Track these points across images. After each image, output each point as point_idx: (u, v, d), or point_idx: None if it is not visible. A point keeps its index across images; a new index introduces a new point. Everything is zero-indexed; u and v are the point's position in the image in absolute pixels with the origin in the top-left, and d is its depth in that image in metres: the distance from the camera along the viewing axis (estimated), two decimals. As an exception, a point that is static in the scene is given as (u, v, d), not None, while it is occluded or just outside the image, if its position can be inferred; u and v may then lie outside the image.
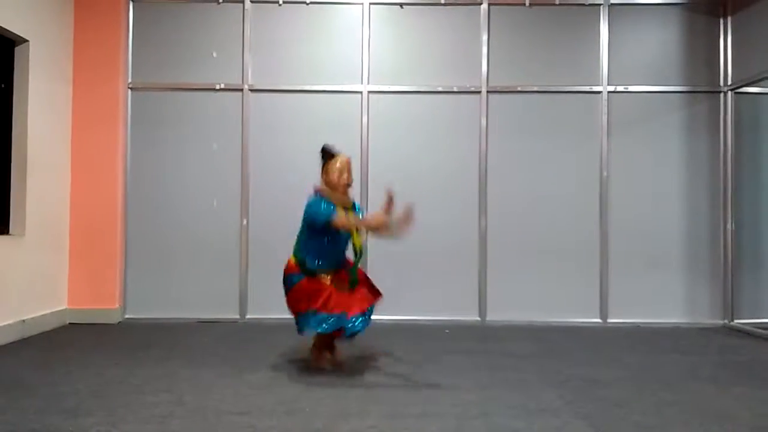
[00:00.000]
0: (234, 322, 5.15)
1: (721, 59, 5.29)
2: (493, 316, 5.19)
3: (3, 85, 4.50)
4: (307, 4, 5.28)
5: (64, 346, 4.19)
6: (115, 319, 5.07)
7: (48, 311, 4.79)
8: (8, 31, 4.33)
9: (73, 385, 3.21)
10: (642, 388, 3.25)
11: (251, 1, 5.28)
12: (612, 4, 5.29)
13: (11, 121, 4.52)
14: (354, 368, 3.62)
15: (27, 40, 4.52)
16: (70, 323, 4.99)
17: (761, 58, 4.85)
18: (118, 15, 5.17)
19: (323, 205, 3.39)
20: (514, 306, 5.19)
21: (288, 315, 3.68)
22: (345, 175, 3.46)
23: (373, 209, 5.12)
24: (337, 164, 3.47)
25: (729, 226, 5.18)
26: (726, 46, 5.27)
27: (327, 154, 3.52)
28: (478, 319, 5.20)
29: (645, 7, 5.32)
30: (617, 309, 5.19)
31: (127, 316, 5.18)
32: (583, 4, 5.30)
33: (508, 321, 5.15)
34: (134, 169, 5.24)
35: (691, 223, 5.26)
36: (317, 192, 3.50)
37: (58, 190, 4.97)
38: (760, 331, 4.81)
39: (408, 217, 3.18)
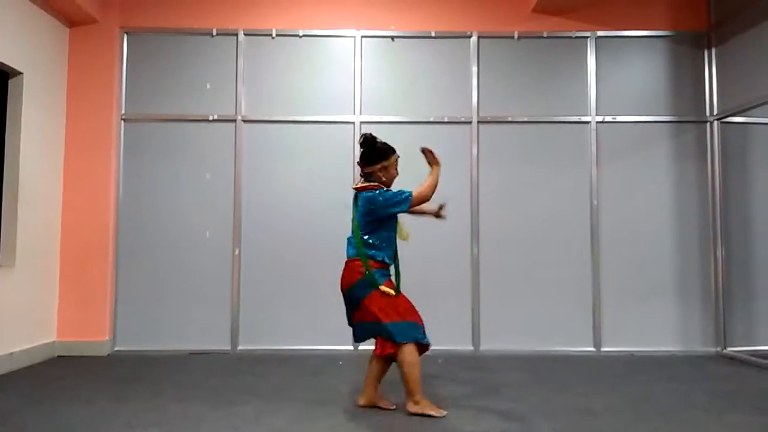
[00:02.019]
0: (225, 353, 5.09)
1: (707, 90, 5.39)
2: (487, 345, 5.17)
3: (-4, 117, 4.52)
4: (300, 36, 5.36)
5: (52, 380, 4.12)
6: (104, 352, 5.01)
7: (37, 344, 4.72)
8: (2, 63, 4.37)
9: (62, 419, 3.16)
10: (637, 417, 3.24)
11: (245, 34, 5.35)
12: (599, 36, 5.40)
13: (3, 151, 4.53)
14: (345, 397, 3.58)
15: (21, 72, 4.56)
16: (58, 356, 4.93)
17: (745, 89, 4.96)
18: (112, 47, 5.23)
19: (399, 192, 3.28)
20: (507, 335, 5.17)
21: (281, 346, 3.68)
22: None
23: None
24: (397, 159, 3.42)
25: (719, 253, 5.22)
26: (711, 76, 5.38)
27: (390, 149, 3.42)
28: (472, 348, 5.18)
29: (631, 39, 5.44)
30: (611, 338, 5.19)
31: (116, 349, 5.11)
32: (570, 37, 5.41)
33: (501, 350, 5.13)
34: (126, 200, 5.23)
35: (682, 251, 5.29)
36: (379, 187, 3.33)
37: (49, 221, 4.96)
38: (753, 359, 4.81)
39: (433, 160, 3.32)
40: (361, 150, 3.44)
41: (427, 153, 3.39)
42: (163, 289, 5.17)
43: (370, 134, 3.44)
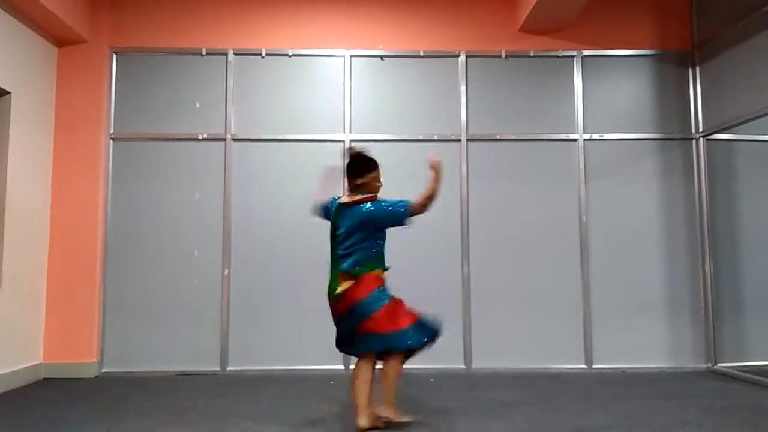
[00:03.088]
0: (214, 374, 5.04)
1: (692, 107, 5.47)
2: (479, 363, 5.15)
3: (-17, 137, 4.49)
4: (290, 56, 5.39)
5: (38, 402, 4.05)
6: (91, 374, 4.94)
7: (22, 366, 4.65)
8: (-10, 83, 4.36)
9: (47, 443, 3.10)
10: (629, 435, 3.22)
11: (234, 53, 5.37)
12: (585, 55, 5.48)
13: (-10, 172, 4.50)
14: (336, 418, 3.54)
15: (9, 92, 4.54)
16: (45, 378, 4.85)
17: (730, 106, 5.03)
18: (101, 66, 5.22)
19: (397, 201, 3.36)
20: (499, 353, 5.16)
21: (271, 366, 3.62)
22: None
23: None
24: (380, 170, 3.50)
25: (708, 269, 5.25)
26: (696, 94, 5.46)
27: (373, 163, 3.50)
28: (464, 366, 5.15)
29: (617, 58, 5.51)
30: (602, 354, 5.19)
31: (104, 370, 5.04)
32: (557, 56, 5.48)
33: (493, 368, 5.11)
34: (114, 220, 5.20)
35: (671, 268, 5.32)
36: (375, 198, 3.44)
37: (36, 242, 4.91)
38: (743, 374, 4.82)
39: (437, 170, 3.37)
40: (351, 162, 3.45)
41: (435, 165, 3.40)
42: (151, 309, 5.12)
43: (353, 147, 3.53)
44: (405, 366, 5.14)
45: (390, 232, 3.43)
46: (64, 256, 5.02)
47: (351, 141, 5.30)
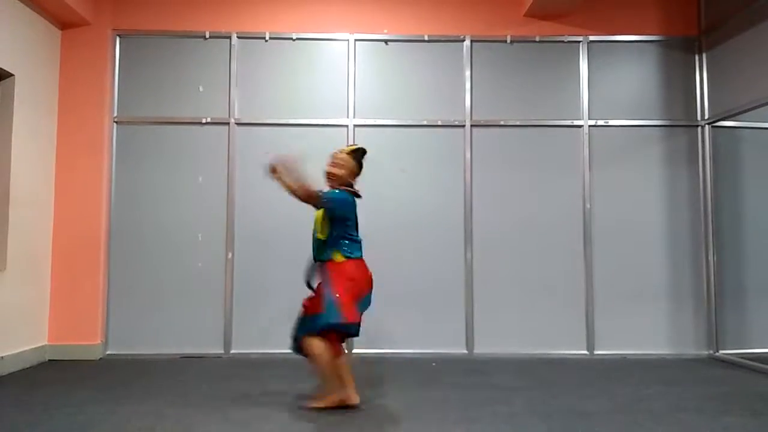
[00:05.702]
0: (218, 357, 5.07)
1: (698, 94, 5.43)
2: (481, 348, 5.17)
3: (-13, 119, 4.49)
4: (293, 39, 5.36)
5: (43, 384, 4.09)
6: (96, 356, 4.98)
7: (28, 347, 4.68)
8: (-6, 65, 4.35)
9: (53, 424, 3.13)
10: (630, 420, 3.24)
11: (238, 37, 5.34)
12: (591, 40, 5.44)
13: (-6, 154, 4.50)
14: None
15: (12, 74, 4.53)
16: (49, 360, 4.89)
17: (736, 93, 5.00)
18: (104, 49, 5.20)
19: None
20: (501, 338, 5.18)
21: (274, 350, 3.65)
22: None
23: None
24: None
25: (711, 256, 5.25)
26: (702, 81, 5.42)
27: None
28: (466, 351, 5.18)
29: (623, 43, 5.47)
30: (604, 341, 5.20)
31: (108, 352, 5.08)
32: (563, 41, 5.44)
33: (495, 354, 5.13)
34: (118, 203, 5.21)
35: (674, 255, 5.32)
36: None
37: (41, 224, 4.92)
38: (745, 361, 4.83)
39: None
40: (363, 155, 3.55)
41: (273, 166, 3.45)
42: (155, 292, 5.15)
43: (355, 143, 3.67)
44: (408, 350, 5.21)
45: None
46: (69, 238, 5.04)
47: (354, 126, 5.29)
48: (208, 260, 5.17)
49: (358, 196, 3.51)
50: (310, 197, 3.35)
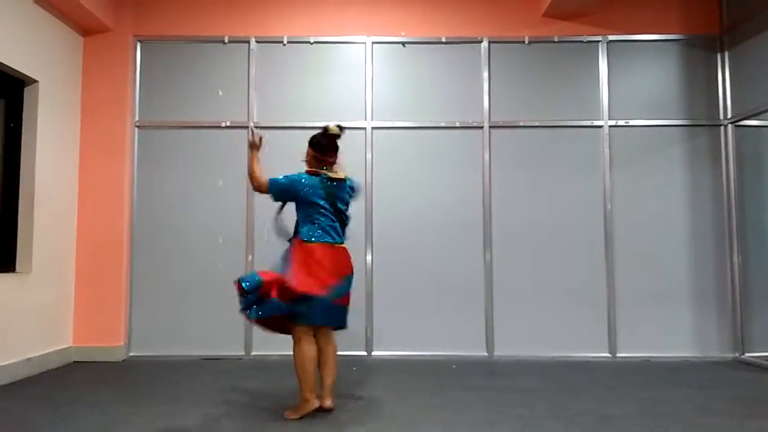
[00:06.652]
0: (239, 358, 5.10)
1: (720, 93, 5.36)
2: (501, 351, 5.14)
3: (12, 124, 4.57)
4: (311, 43, 5.39)
5: (69, 385, 4.15)
6: (119, 357, 5.03)
7: (53, 349, 4.76)
8: (18, 72, 4.42)
9: (78, 424, 3.17)
10: (654, 423, 3.20)
11: (256, 41, 5.38)
12: (610, 40, 5.39)
13: (20, 159, 4.57)
14: (359, 405, 3.57)
15: (36, 81, 4.61)
16: (75, 361, 4.96)
17: (759, 92, 4.92)
18: (125, 55, 5.27)
19: None
20: (521, 341, 5.14)
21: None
22: None
23: (379, 246, 5.14)
24: None
25: (735, 258, 5.17)
26: (724, 80, 5.35)
27: None
28: (486, 354, 5.15)
29: (643, 43, 5.41)
30: (626, 343, 5.14)
31: (131, 354, 5.14)
32: (582, 41, 5.40)
33: (516, 356, 5.10)
34: (140, 207, 5.27)
35: (697, 256, 5.25)
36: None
37: (65, 228, 4.99)
38: (771, 364, 4.76)
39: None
40: (334, 138, 3.58)
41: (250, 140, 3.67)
42: (177, 294, 5.19)
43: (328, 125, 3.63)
44: (428, 353, 5.19)
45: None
46: (92, 241, 5.11)
47: (372, 128, 5.30)
48: (228, 263, 5.20)
49: (333, 180, 3.49)
50: (261, 186, 3.59)
